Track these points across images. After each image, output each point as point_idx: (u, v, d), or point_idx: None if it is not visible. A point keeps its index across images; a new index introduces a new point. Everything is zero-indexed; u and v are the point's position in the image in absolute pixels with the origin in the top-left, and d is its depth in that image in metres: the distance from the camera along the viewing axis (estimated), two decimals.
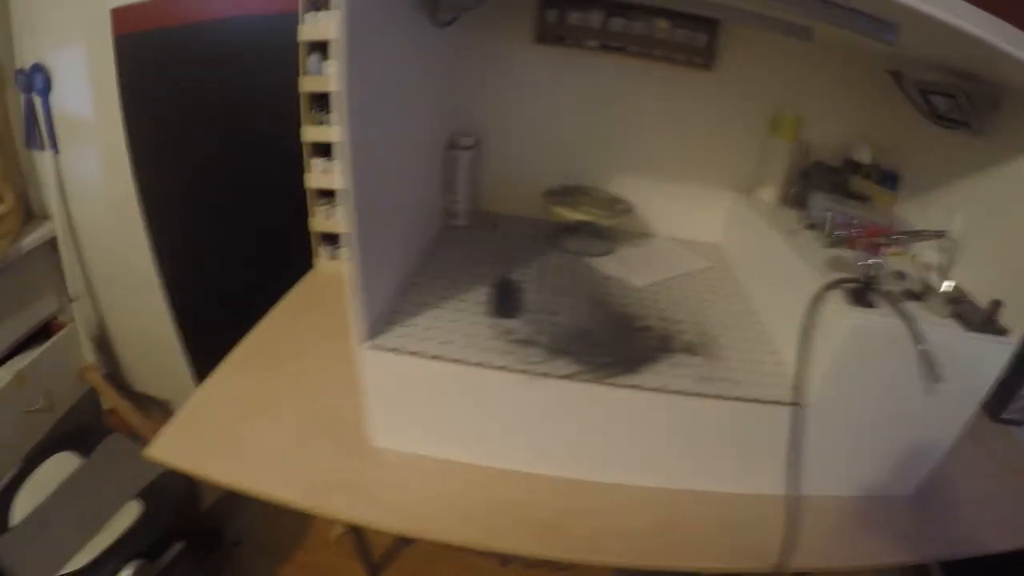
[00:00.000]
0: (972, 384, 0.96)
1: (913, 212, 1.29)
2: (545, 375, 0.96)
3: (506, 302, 1.13)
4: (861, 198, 1.39)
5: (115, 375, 2.17)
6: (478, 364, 0.97)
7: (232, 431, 1.09)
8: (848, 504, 1.07)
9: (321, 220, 1.60)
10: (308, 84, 1.46)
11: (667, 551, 0.95)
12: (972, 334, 0.91)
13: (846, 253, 1.11)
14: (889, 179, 1.36)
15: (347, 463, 1.05)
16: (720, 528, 1.01)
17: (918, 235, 1.06)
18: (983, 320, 0.92)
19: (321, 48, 1.44)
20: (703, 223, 1.59)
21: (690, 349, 1.08)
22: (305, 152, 1.52)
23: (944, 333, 0.91)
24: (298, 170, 1.59)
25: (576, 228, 1.45)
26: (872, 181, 1.38)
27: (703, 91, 1.44)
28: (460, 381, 0.99)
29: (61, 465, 1.67)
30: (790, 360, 1.02)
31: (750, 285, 1.35)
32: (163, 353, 2.05)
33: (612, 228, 1.48)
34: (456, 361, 0.98)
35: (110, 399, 1.96)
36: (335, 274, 1.65)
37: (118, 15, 1.65)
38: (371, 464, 1.05)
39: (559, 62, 1.44)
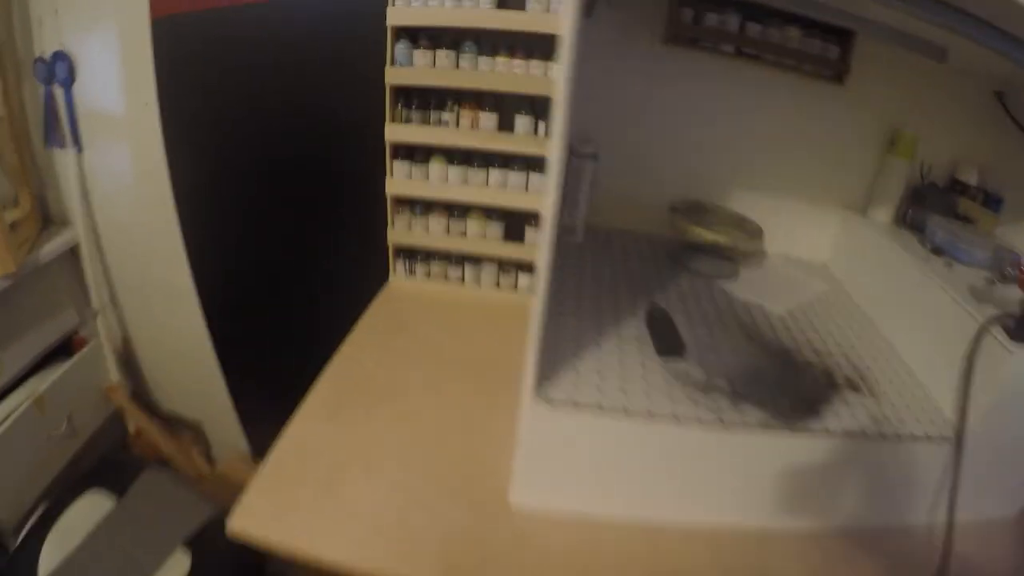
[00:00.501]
0: None
1: (1015, 235, 1.29)
2: (741, 425, 0.89)
3: (667, 338, 1.05)
4: (966, 219, 1.38)
5: (141, 394, 1.98)
6: (672, 417, 0.89)
7: (329, 492, 0.94)
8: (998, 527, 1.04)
9: (402, 232, 1.48)
10: (395, 76, 1.34)
11: None
12: None
13: (983, 284, 1.09)
14: (993, 201, 1.36)
15: (480, 527, 0.90)
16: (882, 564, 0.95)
17: None
18: None
19: (410, 35, 1.33)
20: (811, 241, 1.52)
21: (853, 385, 1.03)
22: (388, 153, 1.40)
23: None
24: (364, 173, 1.48)
25: (701, 248, 1.38)
26: (977, 203, 1.38)
27: (828, 105, 1.37)
28: (646, 434, 0.89)
29: (93, 506, 1.50)
30: (936, 391, 1.02)
31: (875, 311, 1.30)
32: (195, 370, 1.87)
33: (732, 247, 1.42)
34: (648, 415, 0.89)
35: (137, 421, 1.79)
36: (414, 292, 1.53)
37: None
38: (512, 527, 0.91)
39: (688, 66, 1.35)
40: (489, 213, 1.46)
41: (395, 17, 1.29)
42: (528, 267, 1.51)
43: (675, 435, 0.89)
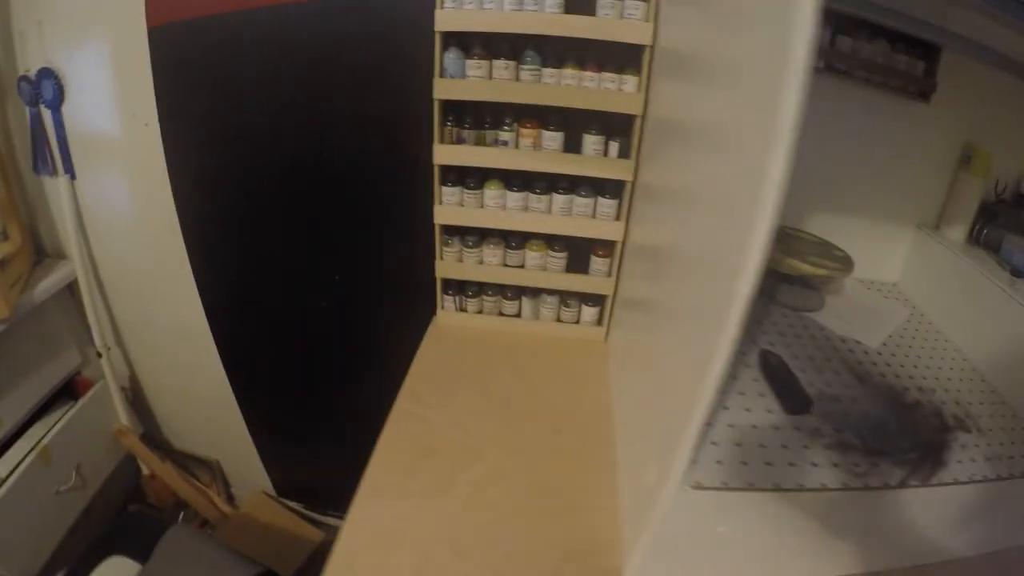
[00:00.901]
0: None
1: None
2: (883, 487, 0.84)
3: (792, 393, 0.98)
4: None
5: (152, 435, 1.82)
6: (821, 487, 0.83)
7: None
8: None
9: (452, 264, 1.34)
10: (444, 90, 1.16)
11: None
12: None
13: None
14: None
15: None
16: None
17: None
18: None
19: (462, 42, 1.15)
20: (883, 261, 1.44)
21: (963, 426, 0.99)
22: (436, 178, 1.24)
23: None
24: (404, 197, 1.35)
25: (785, 277, 1.29)
26: None
27: (908, 122, 1.26)
28: (791, 506, 0.83)
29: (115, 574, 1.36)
30: None
31: (959, 336, 1.25)
32: (210, 407, 1.71)
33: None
34: (799, 488, 0.82)
35: (151, 465, 1.65)
36: (466, 330, 1.39)
37: (154, 1, 1.26)
38: None
39: None
40: (551, 242, 1.32)
41: (445, 21, 1.11)
42: (593, 299, 1.39)
43: (821, 502, 0.84)
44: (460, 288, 1.39)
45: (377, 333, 1.55)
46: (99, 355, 1.60)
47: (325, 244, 1.49)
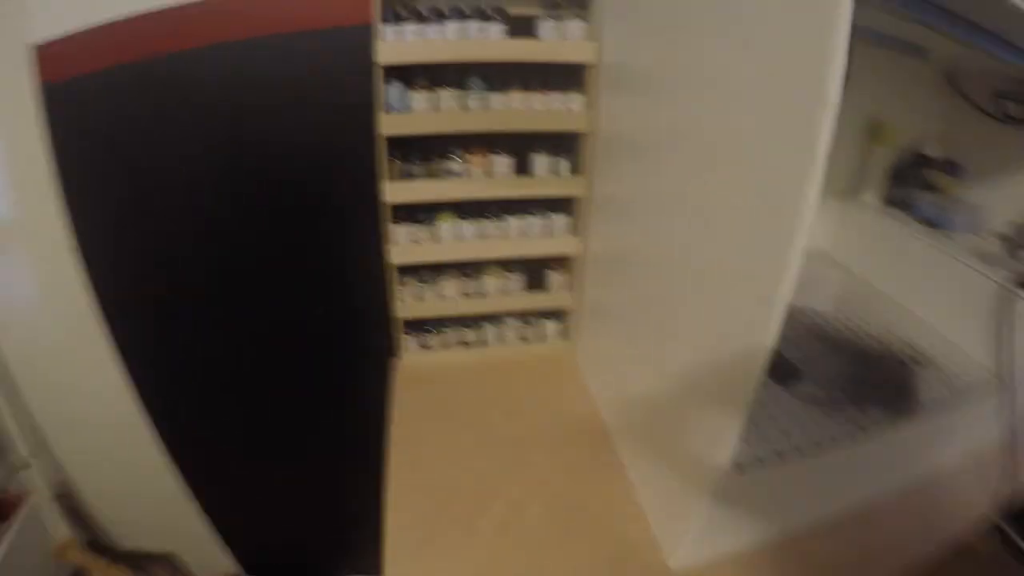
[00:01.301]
0: None
1: (977, 196, 1.46)
2: (879, 432, 0.97)
3: (781, 365, 1.06)
4: (935, 188, 1.52)
5: (97, 539, 1.65)
6: (833, 442, 0.93)
7: None
8: None
9: (411, 304, 1.33)
10: (391, 125, 1.15)
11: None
12: None
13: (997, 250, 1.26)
14: (955, 169, 1.51)
15: None
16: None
17: None
18: None
19: (404, 75, 1.14)
20: (813, 232, 1.58)
21: (918, 362, 1.14)
22: (387, 217, 1.24)
23: None
24: (343, 239, 1.34)
25: None
26: (943, 172, 1.52)
27: None
28: (813, 465, 0.93)
29: None
30: (968, 347, 1.18)
31: (891, 287, 1.41)
32: (155, 497, 1.57)
33: None
34: (818, 448, 0.91)
35: (103, 573, 1.51)
36: (435, 368, 1.39)
37: (46, 55, 1.10)
38: None
39: None
40: (509, 265, 1.35)
41: (388, 54, 1.10)
42: (556, 314, 1.43)
43: (831, 454, 0.93)
44: (420, 326, 1.38)
45: (332, 383, 1.50)
46: (24, 465, 1.45)
47: (266, 300, 1.42)
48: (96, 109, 1.18)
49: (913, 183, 1.46)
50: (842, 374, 1.09)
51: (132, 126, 1.20)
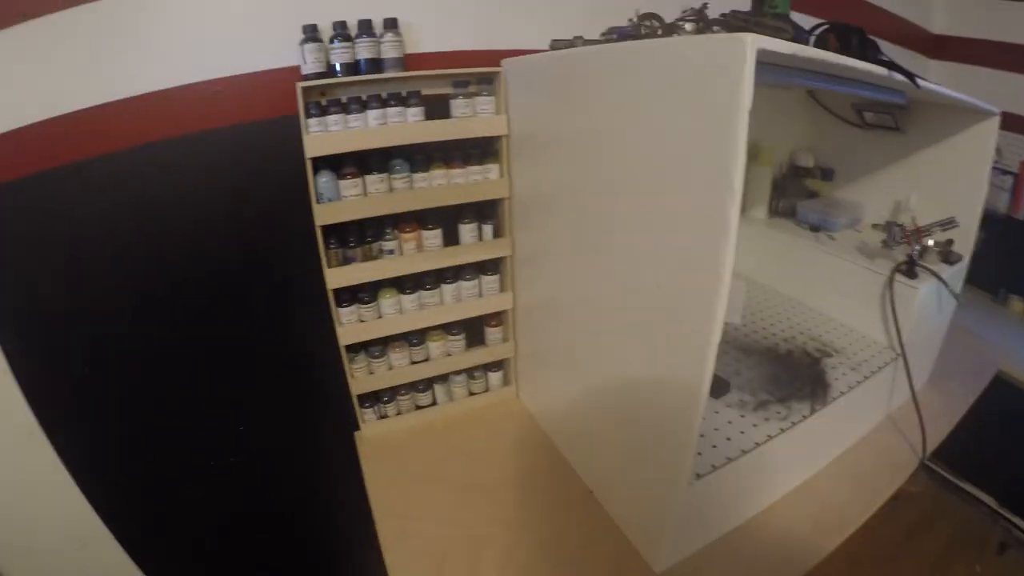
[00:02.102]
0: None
1: (849, 194, 1.73)
2: (803, 420, 1.17)
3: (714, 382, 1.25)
4: (813, 193, 1.79)
5: None
6: (768, 438, 1.13)
7: None
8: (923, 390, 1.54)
9: (364, 379, 1.44)
10: (324, 215, 1.24)
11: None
12: (950, 266, 1.40)
13: (877, 246, 1.51)
14: (827, 173, 1.78)
15: None
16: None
17: (939, 224, 1.44)
18: (950, 254, 1.43)
19: (332, 163, 1.24)
20: None
21: (825, 353, 1.38)
22: (331, 302, 1.33)
23: (944, 271, 1.37)
24: (289, 326, 1.45)
25: None
26: (817, 179, 1.79)
27: None
28: (754, 458, 1.10)
29: None
30: (865, 329, 1.47)
31: (790, 289, 1.66)
32: None
33: None
34: (756, 447, 1.11)
35: None
36: (395, 434, 1.50)
37: None
38: None
39: None
40: (449, 328, 1.48)
41: (315, 146, 1.19)
42: (495, 365, 1.57)
43: (770, 448, 1.12)
44: (375, 398, 1.49)
45: (294, 464, 1.59)
46: None
47: (223, 397, 1.47)
48: (21, 218, 1.19)
49: (794, 193, 1.71)
50: (764, 377, 1.30)
51: (61, 232, 1.23)
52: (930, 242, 1.39)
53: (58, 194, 1.19)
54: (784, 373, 1.30)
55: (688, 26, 1.05)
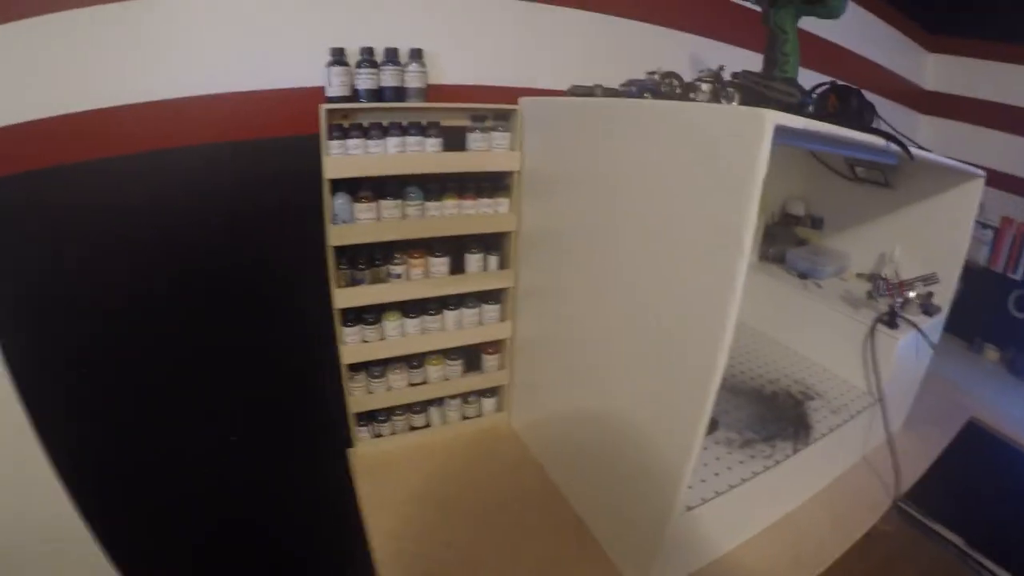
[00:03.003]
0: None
1: (837, 243, 1.87)
2: (785, 459, 1.29)
3: None
4: (802, 241, 1.92)
5: None
6: (753, 475, 1.23)
7: None
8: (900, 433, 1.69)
9: (362, 398, 1.52)
10: (339, 236, 1.32)
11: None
12: (929, 317, 1.54)
13: (862, 296, 1.64)
14: (817, 222, 1.92)
15: None
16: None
17: (921, 278, 1.58)
18: (929, 306, 1.57)
19: (349, 186, 1.33)
20: None
21: (808, 396, 1.51)
22: (337, 320, 1.42)
23: (923, 322, 1.50)
24: (291, 342, 1.52)
25: None
26: (807, 227, 1.93)
27: None
28: (741, 492, 1.21)
29: None
30: (846, 375, 1.61)
31: (777, 334, 1.79)
32: None
33: None
34: (742, 483, 1.21)
35: None
36: (389, 453, 1.58)
37: None
38: None
39: None
40: (448, 353, 1.57)
41: (333, 169, 1.27)
42: (490, 391, 1.68)
43: (755, 484, 1.22)
44: (371, 417, 1.57)
45: (285, 477, 1.66)
46: None
47: (213, 406, 1.54)
48: (28, 211, 1.24)
49: (784, 240, 1.84)
50: (750, 417, 1.41)
51: (69, 228, 1.28)
52: (911, 295, 1.52)
53: (71, 190, 1.25)
54: (769, 414, 1.42)
55: (705, 86, 1.16)
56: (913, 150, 1.14)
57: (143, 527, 1.55)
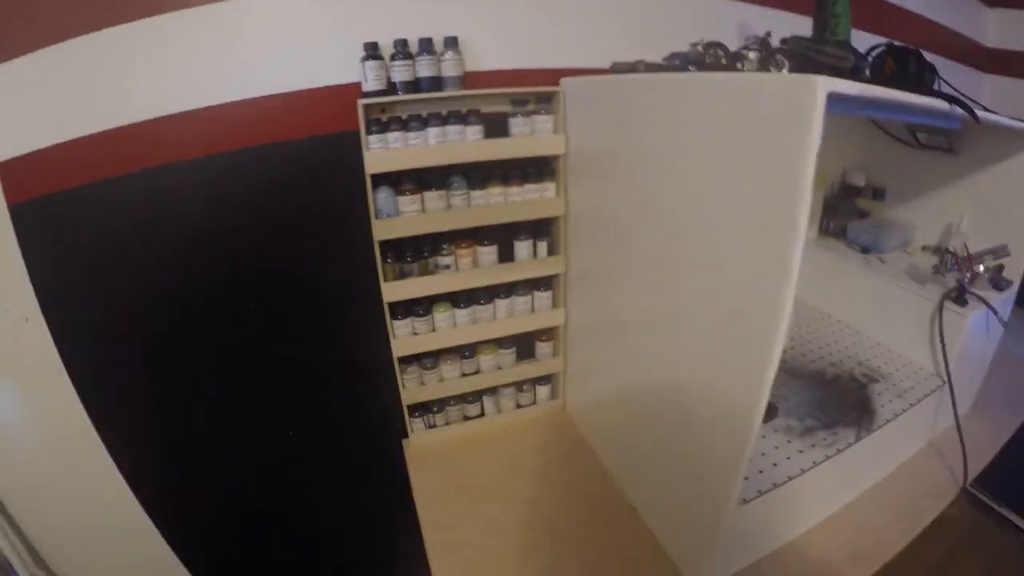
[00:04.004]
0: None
1: (901, 214, 1.80)
2: (848, 446, 1.24)
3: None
4: (864, 213, 1.86)
5: None
6: (814, 464, 1.19)
7: None
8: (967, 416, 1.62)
9: (415, 390, 1.55)
10: (383, 230, 1.34)
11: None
12: (999, 292, 1.46)
13: (928, 271, 1.57)
14: (879, 193, 1.85)
15: None
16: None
17: (990, 251, 1.52)
18: (999, 280, 1.49)
19: (391, 180, 1.34)
20: None
21: (872, 378, 1.46)
22: (387, 314, 1.44)
23: (993, 298, 1.43)
24: (344, 337, 1.54)
25: None
26: (868, 198, 1.86)
27: None
28: (799, 483, 1.17)
29: None
30: (911, 355, 1.54)
31: (838, 311, 1.74)
32: None
33: None
34: (802, 473, 1.17)
35: None
36: (442, 444, 1.61)
37: (8, 172, 1.19)
38: None
39: None
40: (500, 342, 1.59)
41: (375, 163, 1.29)
42: (544, 379, 1.68)
43: (815, 474, 1.19)
44: (425, 408, 1.60)
45: (351, 471, 1.70)
46: None
47: (270, 402, 1.58)
48: (70, 223, 1.28)
49: (845, 213, 1.79)
50: (811, 402, 1.37)
51: (113, 237, 1.33)
52: (980, 268, 1.46)
53: (127, 199, 1.30)
54: (831, 398, 1.38)
55: (752, 55, 1.12)
56: (979, 112, 1.08)
57: (202, 521, 1.61)
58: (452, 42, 1.34)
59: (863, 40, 1.10)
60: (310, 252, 1.47)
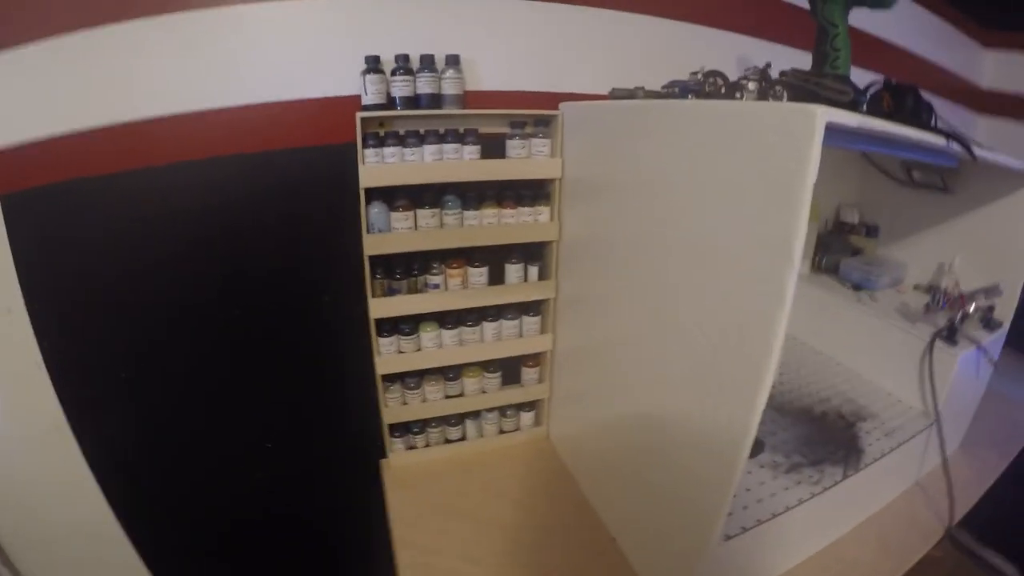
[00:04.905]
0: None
1: (893, 252, 1.81)
2: (834, 485, 1.23)
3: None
4: (857, 250, 1.87)
5: None
6: (799, 503, 1.18)
7: None
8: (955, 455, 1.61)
9: (397, 409, 1.54)
10: (374, 245, 1.34)
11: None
12: (990, 332, 1.47)
13: (919, 309, 1.57)
14: (872, 231, 1.87)
15: None
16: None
17: (983, 291, 1.53)
18: (990, 320, 1.50)
19: (385, 195, 1.34)
20: None
21: (860, 416, 1.46)
22: (372, 331, 1.42)
23: (984, 338, 1.44)
24: (326, 350, 1.53)
25: None
26: (861, 235, 1.88)
27: None
28: (784, 519, 1.16)
29: None
30: (899, 393, 1.54)
31: (827, 347, 1.75)
32: None
33: None
34: (787, 511, 1.16)
35: None
36: (422, 466, 1.60)
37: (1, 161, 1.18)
38: None
39: None
40: (486, 365, 1.58)
41: (370, 177, 1.29)
42: (528, 405, 1.67)
43: (801, 512, 1.18)
44: (406, 428, 1.59)
45: (326, 489, 1.68)
46: None
47: (248, 412, 1.56)
48: (67, 219, 1.28)
49: (838, 249, 1.80)
50: (798, 438, 1.37)
51: (113, 235, 1.32)
52: (972, 308, 1.47)
53: (120, 196, 1.29)
54: (818, 435, 1.37)
55: (751, 85, 1.13)
56: (976, 150, 1.10)
57: (173, 530, 1.59)
58: (454, 60, 1.35)
59: (859, 77, 1.11)
60: (298, 263, 1.46)
